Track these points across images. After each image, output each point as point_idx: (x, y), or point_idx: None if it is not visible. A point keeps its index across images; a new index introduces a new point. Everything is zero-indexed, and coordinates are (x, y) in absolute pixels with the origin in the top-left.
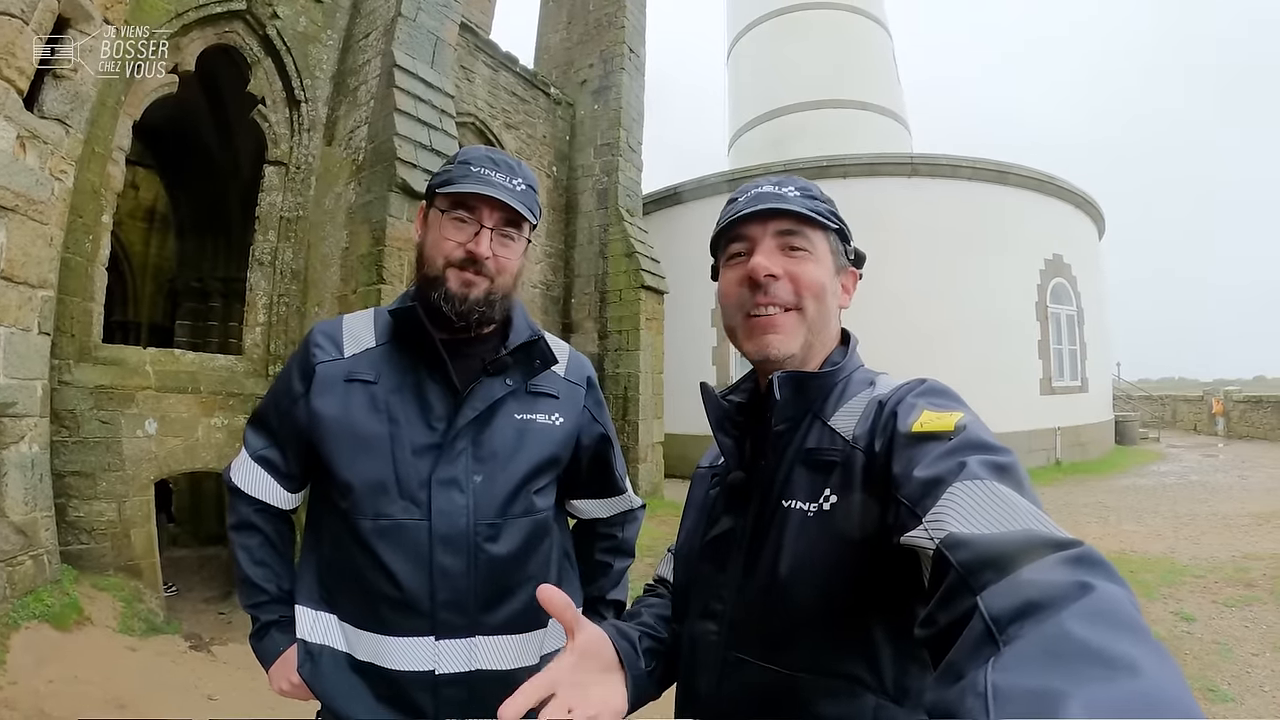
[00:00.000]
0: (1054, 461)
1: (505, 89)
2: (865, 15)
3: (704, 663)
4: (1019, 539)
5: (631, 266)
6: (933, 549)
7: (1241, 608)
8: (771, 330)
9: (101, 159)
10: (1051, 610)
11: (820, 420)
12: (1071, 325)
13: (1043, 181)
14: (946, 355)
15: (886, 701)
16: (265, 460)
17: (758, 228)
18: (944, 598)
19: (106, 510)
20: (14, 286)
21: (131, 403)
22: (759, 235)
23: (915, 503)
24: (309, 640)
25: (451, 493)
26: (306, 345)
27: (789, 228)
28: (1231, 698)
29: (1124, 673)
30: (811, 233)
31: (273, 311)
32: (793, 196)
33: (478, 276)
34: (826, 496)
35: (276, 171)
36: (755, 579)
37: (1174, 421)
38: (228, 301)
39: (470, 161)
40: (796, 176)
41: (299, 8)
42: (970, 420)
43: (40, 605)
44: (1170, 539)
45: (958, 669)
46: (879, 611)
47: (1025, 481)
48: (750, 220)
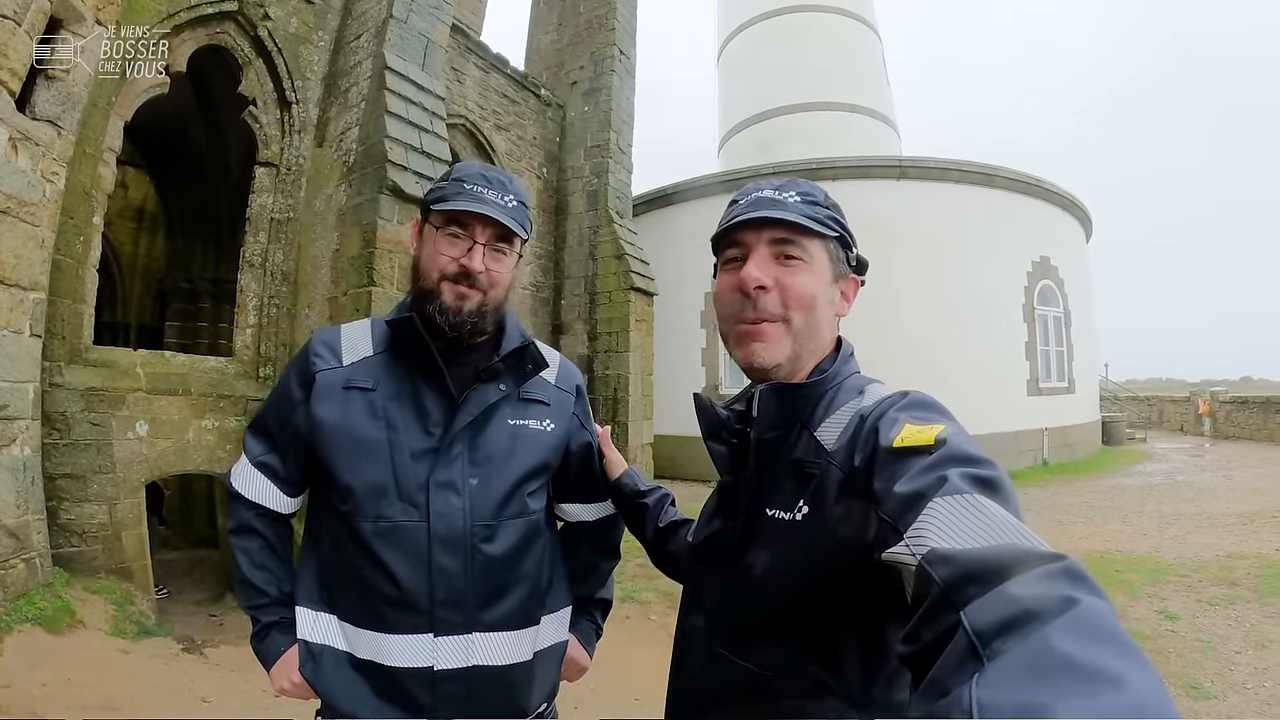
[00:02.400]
0: (1041, 462)
1: (496, 90)
2: (855, 18)
3: (693, 654)
4: (1001, 553)
5: (621, 268)
6: (914, 565)
7: (1225, 606)
8: (758, 339)
9: (93, 160)
10: (1035, 625)
11: (808, 430)
12: (1059, 327)
13: (1030, 184)
14: (934, 357)
15: (848, 708)
16: (265, 466)
17: (752, 235)
18: (927, 613)
19: (98, 513)
20: (6, 289)
21: (122, 405)
22: (753, 243)
23: (896, 518)
24: (310, 640)
25: (448, 495)
26: (306, 353)
27: (784, 236)
28: (1214, 695)
29: (1108, 685)
30: (808, 242)
31: (263, 313)
32: (792, 203)
33: (471, 290)
34: (800, 507)
35: (267, 173)
36: (735, 580)
37: (1161, 422)
38: (217, 303)
39: (464, 179)
40: (800, 180)
41: (290, 9)
42: (952, 432)
43: (32, 608)
44: (1155, 538)
45: (942, 685)
46: (848, 620)
47: (1009, 494)
48: (745, 227)
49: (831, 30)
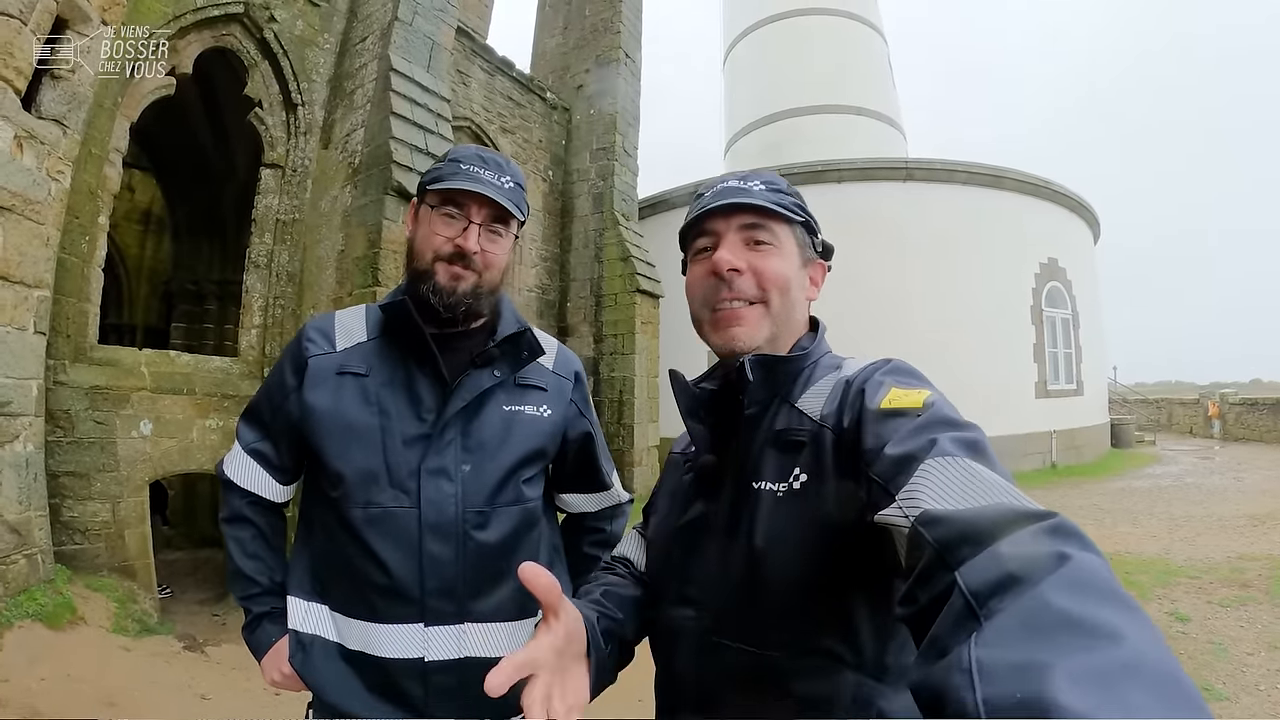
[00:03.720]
0: (1049, 465)
1: (501, 93)
2: (861, 21)
3: (682, 648)
4: (994, 513)
5: (627, 270)
6: (908, 526)
7: (1237, 608)
8: (737, 323)
9: (98, 160)
10: (1030, 582)
11: (788, 403)
12: (1067, 329)
13: (1038, 186)
14: (942, 359)
15: (866, 678)
16: (258, 453)
17: (722, 222)
18: (922, 575)
19: (101, 511)
20: (10, 286)
21: (126, 404)
22: (723, 230)
23: (888, 480)
24: (300, 630)
25: (440, 481)
26: (299, 339)
27: (753, 221)
28: (1226, 697)
29: (1106, 640)
30: (776, 226)
31: (268, 314)
32: (757, 190)
33: (466, 271)
34: (796, 475)
35: (273, 174)
36: (729, 562)
37: (1170, 424)
38: (223, 304)
39: (460, 159)
40: (763, 171)
41: (296, 11)
42: (937, 398)
43: (33, 604)
44: (1165, 540)
45: (940, 646)
46: (857, 587)
47: (994, 457)
48: (715, 215)
49: (836, 33)
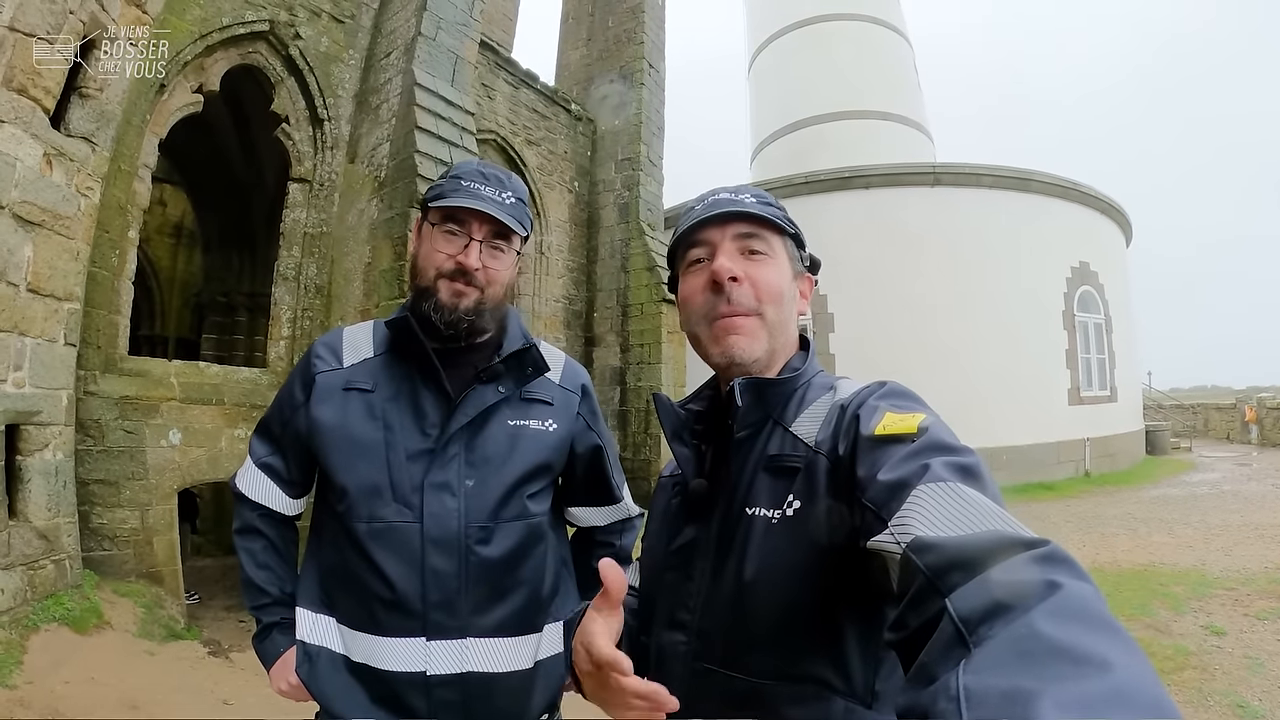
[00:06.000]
0: (1083, 473)
1: (526, 106)
2: (885, 25)
3: (671, 673)
4: (985, 540)
5: (653, 280)
6: (899, 553)
7: (1274, 620)
8: (736, 333)
9: (128, 176)
10: (1020, 610)
11: (782, 426)
12: (1100, 334)
13: (1067, 188)
14: (972, 366)
15: (856, 705)
16: (268, 467)
17: (716, 231)
18: (913, 601)
19: (129, 518)
20: (40, 299)
21: (156, 413)
22: (718, 239)
23: (880, 507)
24: (308, 641)
25: (443, 496)
26: (308, 356)
27: (748, 230)
28: (1263, 714)
29: (1094, 669)
30: (770, 236)
31: (296, 325)
32: (749, 201)
33: (468, 287)
34: (790, 502)
35: (300, 188)
36: (720, 588)
37: (1206, 430)
38: (253, 316)
39: (461, 176)
40: (750, 186)
41: (321, 28)
42: (933, 422)
43: (60, 608)
44: (1201, 550)
45: (929, 672)
46: (847, 614)
47: (989, 482)
48: (709, 224)
49: (861, 38)
